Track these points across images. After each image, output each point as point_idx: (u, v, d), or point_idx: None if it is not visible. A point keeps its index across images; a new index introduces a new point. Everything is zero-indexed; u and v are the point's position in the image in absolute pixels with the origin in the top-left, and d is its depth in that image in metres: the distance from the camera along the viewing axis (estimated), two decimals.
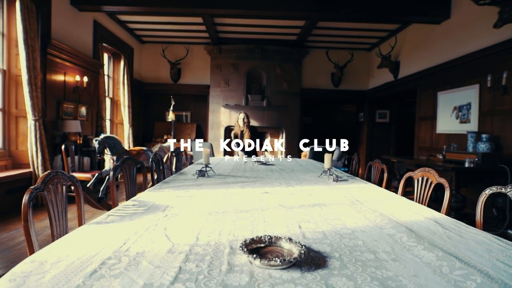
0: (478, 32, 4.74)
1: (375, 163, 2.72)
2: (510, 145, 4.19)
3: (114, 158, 3.87)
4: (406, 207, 1.68)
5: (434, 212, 1.59)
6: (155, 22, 7.04)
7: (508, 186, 1.53)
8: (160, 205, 1.57)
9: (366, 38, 7.76)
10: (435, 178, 1.87)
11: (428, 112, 6.09)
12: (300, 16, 5.97)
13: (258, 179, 2.52)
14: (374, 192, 2.08)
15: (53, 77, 4.90)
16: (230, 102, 8.27)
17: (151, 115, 8.99)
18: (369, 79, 8.78)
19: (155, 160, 2.64)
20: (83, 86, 5.54)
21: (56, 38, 4.86)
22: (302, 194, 1.98)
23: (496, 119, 4.46)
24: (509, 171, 3.78)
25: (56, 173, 1.34)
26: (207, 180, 2.40)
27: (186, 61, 8.54)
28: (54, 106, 4.97)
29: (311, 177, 2.73)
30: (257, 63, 8.27)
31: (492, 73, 4.36)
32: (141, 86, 8.51)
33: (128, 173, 2.10)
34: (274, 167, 3.35)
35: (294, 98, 8.50)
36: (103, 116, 6.35)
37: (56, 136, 5.05)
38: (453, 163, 4.23)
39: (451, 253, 1.05)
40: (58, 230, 1.31)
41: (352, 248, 1.08)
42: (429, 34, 6.03)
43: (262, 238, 1.04)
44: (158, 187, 2.05)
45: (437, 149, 5.59)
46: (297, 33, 7.46)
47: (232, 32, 7.67)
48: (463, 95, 5.08)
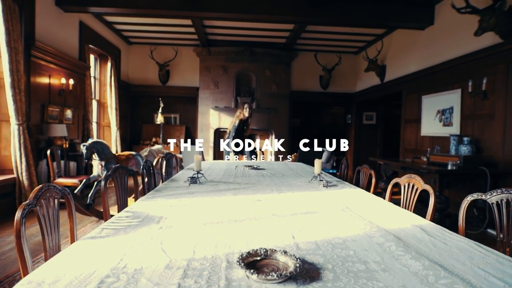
0: (460, 39, 4.91)
1: (363, 168, 2.79)
2: (490, 148, 4.36)
3: (103, 163, 3.82)
4: (393, 214, 1.74)
5: (420, 218, 1.66)
6: (143, 23, 6.97)
7: (488, 193, 1.61)
8: (154, 216, 1.58)
9: (353, 42, 7.90)
10: (421, 184, 1.95)
11: (413, 115, 6.26)
12: (289, 20, 6.04)
13: (250, 185, 2.55)
14: (363, 198, 2.14)
15: (37, 80, 4.80)
16: (220, 105, 8.27)
17: (139, 118, 8.88)
18: (357, 81, 8.94)
19: (146, 167, 2.64)
20: (68, 89, 5.44)
21: (41, 39, 4.76)
22: (294, 201, 2.02)
23: (477, 122, 4.63)
24: (489, 173, 3.93)
25: (48, 187, 1.34)
26: (199, 187, 2.41)
27: (175, 62, 8.49)
28: (38, 110, 4.86)
29: (301, 182, 2.77)
30: (247, 65, 8.30)
31: (473, 79, 4.53)
32: (128, 88, 8.41)
33: (120, 182, 2.10)
34: (265, 172, 3.39)
35: (283, 100, 8.57)
36: (90, 119, 6.25)
37: (40, 140, 4.95)
38: (436, 166, 4.37)
39: (436, 262, 1.10)
40: (51, 244, 1.31)
41: (344, 258, 1.12)
42: (414, 39, 6.20)
43: (257, 251, 1.07)
44: (150, 196, 2.05)
45: (422, 151, 5.76)
46: (286, 36, 7.53)
47: (222, 34, 7.68)
48: (446, 99, 5.25)
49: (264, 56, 8.27)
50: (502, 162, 4.15)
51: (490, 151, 4.35)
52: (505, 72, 4.16)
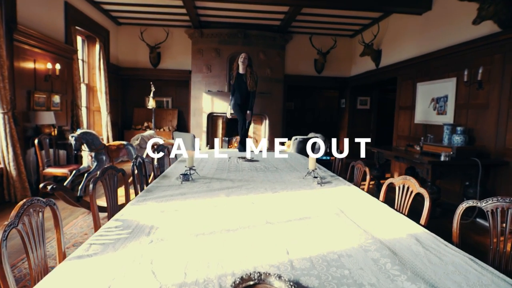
0: (457, 26, 4.80)
1: (357, 164, 2.77)
2: (482, 137, 4.38)
3: (93, 154, 3.73)
4: (388, 220, 1.73)
5: (414, 225, 1.64)
6: (132, 3, 6.65)
7: (483, 201, 1.60)
8: (145, 226, 1.54)
9: (350, 25, 7.71)
10: (415, 187, 1.93)
11: (407, 102, 6.22)
12: (285, 3, 5.83)
13: (244, 182, 2.51)
14: (357, 199, 2.12)
15: (21, 65, 4.59)
16: (213, 88, 8.11)
17: (130, 101, 8.68)
18: (351, 66, 8.81)
19: (137, 164, 2.57)
20: (55, 74, 5.23)
21: (23, 23, 4.51)
22: (287, 204, 1.99)
23: (471, 112, 4.62)
24: (480, 164, 3.96)
25: (31, 202, 1.27)
26: (191, 186, 2.37)
27: (166, 44, 8.22)
28: (24, 97, 4.69)
29: (295, 178, 2.75)
30: (240, 48, 8.05)
31: (468, 68, 4.47)
32: (118, 71, 8.16)
33: (109, 184, 2.04)
34: (259, 165, 3.35)
35: (278, 84, 8.44)
36: (79, 105, 6.08)
37: (27, 128, 4.80)
38: (429, 156, 4.39)
39: (432, 284, 1.09)
40: (36, 261, 1.26)
41: (339, 280, 1.10)
42: (411, 24, 6.06)
43: (251, 275, 1.04)
44: (141, 198, 2.00)
45: (415, 139, 5.77)
46: (281, 18, 7.31)
47: (214, 16, 7.41)
48: (441, 87, 5.20)
49: (258, 38, 8.05)
50: (494, 152, 4.18)
51: (483, 140, 4.37)
52: (501, 62, 4.10)
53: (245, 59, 4.50)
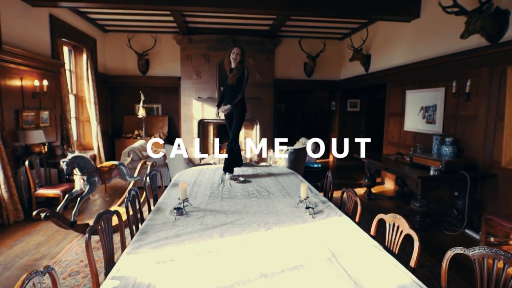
0: (445, 36, 4.85)
1: (348, 192, 2.82)
2: (471, 148, 4.48)
3: (85, 178, 3.71)
4: (378, 266, 1.78)
5: (404, 274, 1.70)
6: (119, 12, 6.55)
7: (471, 249, 1.66)
8: (142, 284, 1.56)
9: (338, 28, 7.73)
10: (405, 228, 1.99)
11: (397, 109, 6.30)
12: (272, 13, 5.82)
13: (237, 215, 2.55)
14: (349, 236, 2.17)
15: (8, 84, 4.52)
16: (203, 95, 8.08)
17: (119, 109, 8.59)
18: (341, 69, 8.86)
19: (130, 200, 2.58)
20: (43, 90, 5.16)
21: (8, 41, 4.42)
22: (280, 244, 2.04)
23: (459, 122, 4.71)
24: (469, 177, 4.06)
25: (29, 279, 1.29)
26: (185, 223, 2.39)
27: (154, 51, 8.13)
28: (12, 117, 4.62)
29: (288, 206, 2.79)
30: None
31: (457, 79, 4.55)
32: (107, 79, 8.06)
33: (104, 229, 2.05)
34: (251, 188, 3.39)
35: (268, 89, 8.45)
36: (68, 118, 6.01)
37: (17, 148, 4.75)
38: (419, 169, 4.48)
39: None
40: None
41: None
42: (400, 30, 6.10)
43: None
44: (137, 244, 2.01)
45: (405, 146, 5.87)
46: (270, 24, 7.29)
47: (202, 22, 7.35)
48: (430, 96, 5.28)
49: (247, 44, 8.01)
50: (482, 164, 4.28)
51: (471, 151, 4.46)
52: (489, 75, 4.18)
53: (237, 55, 4.02)
